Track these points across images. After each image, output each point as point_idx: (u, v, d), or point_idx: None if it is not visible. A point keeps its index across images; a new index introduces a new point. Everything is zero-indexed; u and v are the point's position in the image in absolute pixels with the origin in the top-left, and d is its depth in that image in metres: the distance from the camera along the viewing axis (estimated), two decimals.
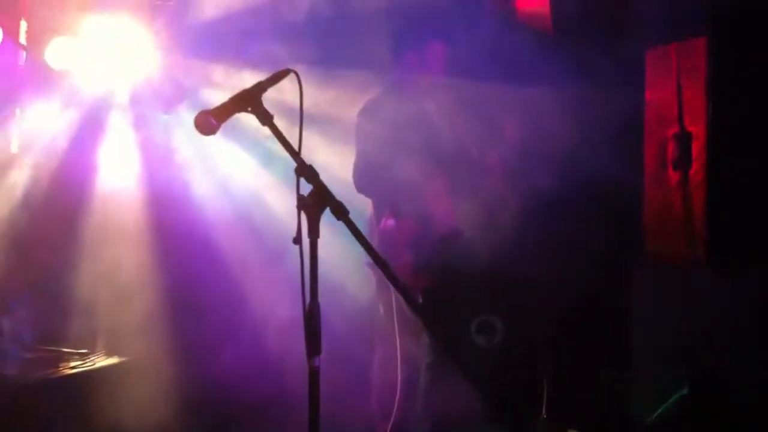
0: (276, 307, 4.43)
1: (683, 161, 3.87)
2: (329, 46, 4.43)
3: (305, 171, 2.24)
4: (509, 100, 4.14)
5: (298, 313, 2.21)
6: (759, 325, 3.63)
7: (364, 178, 3.94)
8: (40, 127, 4.46)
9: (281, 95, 2.52)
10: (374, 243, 3.98)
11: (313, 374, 2.20)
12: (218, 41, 4.49)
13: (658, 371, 3.97)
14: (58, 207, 4.39)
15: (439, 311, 3.83)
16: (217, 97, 2.40)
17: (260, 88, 2.32)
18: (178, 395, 4.08)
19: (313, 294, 2.23)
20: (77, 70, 4.52)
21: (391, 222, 3.96)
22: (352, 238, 3.30)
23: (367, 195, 4.00)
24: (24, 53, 4.45)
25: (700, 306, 3.75)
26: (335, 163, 3.93)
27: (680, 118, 3.88)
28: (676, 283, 3.93)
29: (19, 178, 4.44)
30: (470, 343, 4.30)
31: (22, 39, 4.44)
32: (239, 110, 2.30)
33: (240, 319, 4.62)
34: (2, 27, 4.23)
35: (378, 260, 2.22)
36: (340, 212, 2.21)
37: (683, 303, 3.83)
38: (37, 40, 4.46)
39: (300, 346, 2.99)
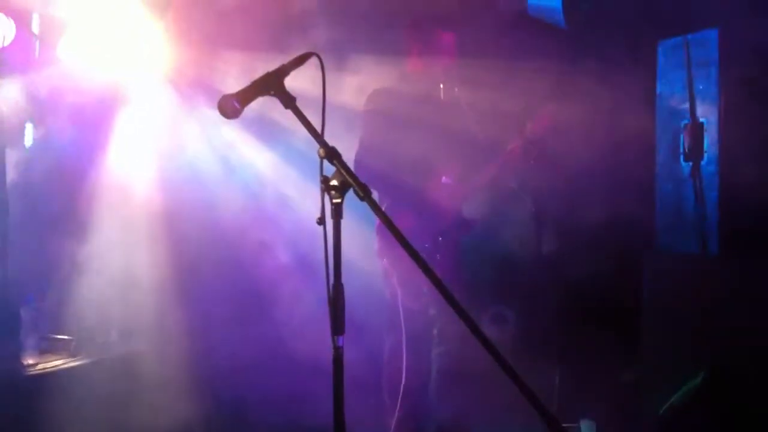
0: (292, 301, 4.46)
1: (695, 152, 3.89)
2: (344, 34, 4.44)
3: (329, 153, 2.24)
4: (525, 93, 4.14)
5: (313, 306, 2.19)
6: None
7: (366, 164, 3.83)
8: (55, 118, 4.48)
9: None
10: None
11: (337, 354, 2.21)
12: (233, 31, 4.50)
13: (670, 364, 3.97)
14: (72, 198, 4.41)
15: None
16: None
17: (283, 71, 2.32)
18: (191, 386, 4.09)
19: (336, 274, 2.23)
20: (89, 61, 4.53)
21: (388, 212, 3.92)
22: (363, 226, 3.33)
23: (367, 182, 3.94)
24: (38, 45, 4.48)
25: (712, 298, 3.75)
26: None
27: (692, 110, 3.90)
28: (688, 275, 3.94)
29: (33, 170, 4.46)
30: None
31: (35, 31, 4.47)
32: (262, 94, 2.30)
33: (257, 312, 4.64)
34: (15, 20, 4.24)
35: (402, 242, 2.21)
36: (364, 192, 2.21)
37: (695, 296, 3.83)
38: (49, 32, 4.48)
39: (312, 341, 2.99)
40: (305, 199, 4.43)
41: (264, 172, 4.77)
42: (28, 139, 4.53)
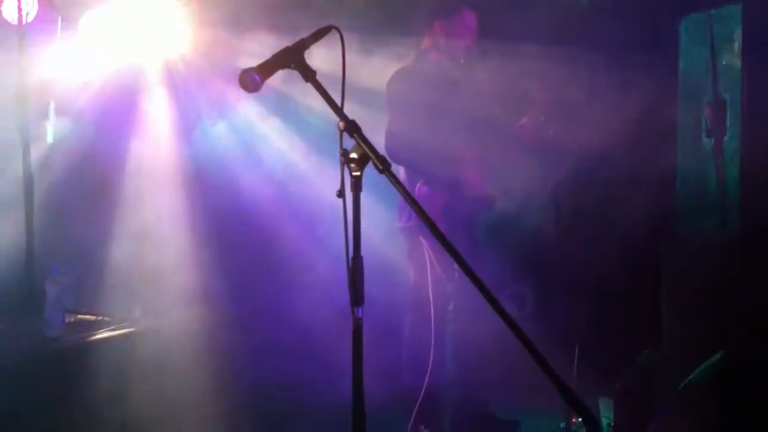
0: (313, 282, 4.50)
1: (717, 129, 3.86)
2: (367, 14, 4.44)
3: (349, 126, 2.25)
4: (542, 68, 4.13)
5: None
6: None
7: (397, 146, 3.87)
8: (78, 98, 4.52)
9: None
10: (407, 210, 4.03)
11: (357, 324, 2.23)
12: (253, 14, 4.51)
13: (689, 344, 3.96)
14: (97, 176, 4.47)
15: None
16: None
17: (303, 44, 2.34)
18: (213, 363, 4.13)
19: (356, 246, 2.25)
20: (110, 41, 4.55)
21: (424, 190, 3.96)
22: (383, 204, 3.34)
23: (399, 163, 3.97)
24: (60, 23, 4.51)
25: (732, 278, 3.73)
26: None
27: (715, 86, 3.87)
28: (708, 254, 3.92)
29: (58, 148, 4.52)
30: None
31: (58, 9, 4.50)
32: (282, 67, 2.31)
33: (278, 290, 4.68)
34: None
35: (422, 215, 2.22)
36: (383, 165, 2.21)
37: (715, 275, 3.81)
38: (71, 11, 4.51)
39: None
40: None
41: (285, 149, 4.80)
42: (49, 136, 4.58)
